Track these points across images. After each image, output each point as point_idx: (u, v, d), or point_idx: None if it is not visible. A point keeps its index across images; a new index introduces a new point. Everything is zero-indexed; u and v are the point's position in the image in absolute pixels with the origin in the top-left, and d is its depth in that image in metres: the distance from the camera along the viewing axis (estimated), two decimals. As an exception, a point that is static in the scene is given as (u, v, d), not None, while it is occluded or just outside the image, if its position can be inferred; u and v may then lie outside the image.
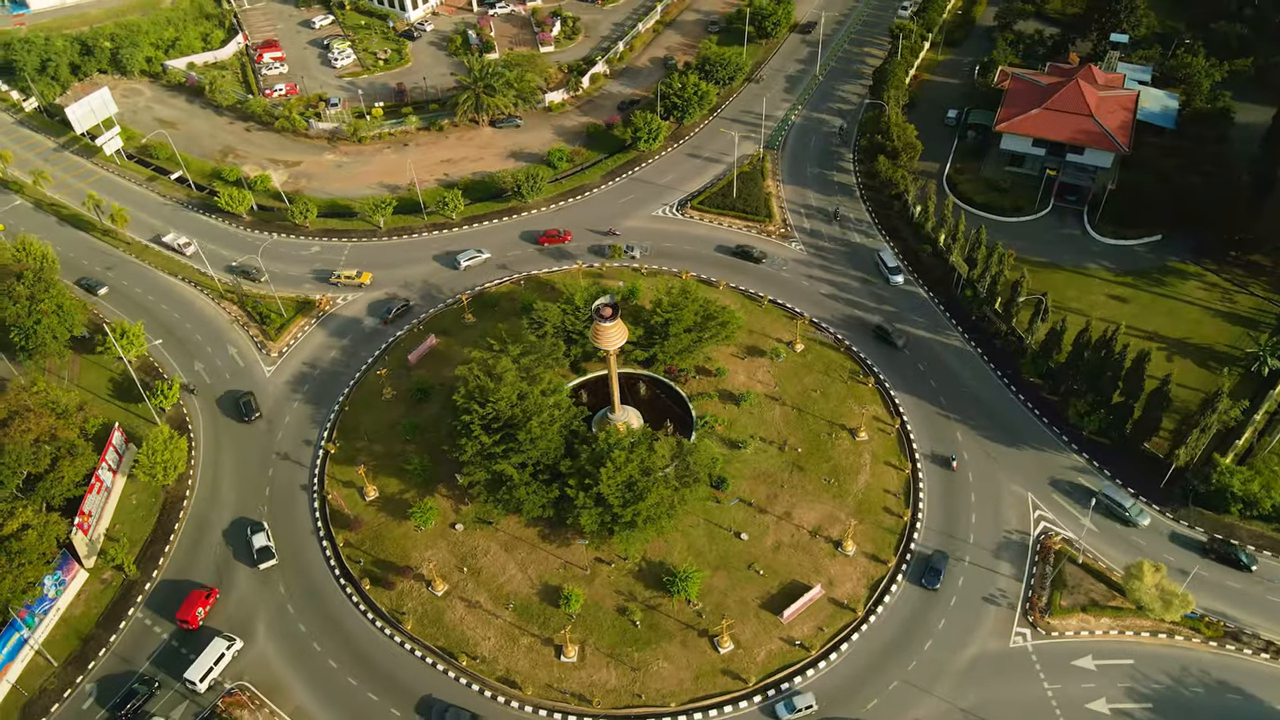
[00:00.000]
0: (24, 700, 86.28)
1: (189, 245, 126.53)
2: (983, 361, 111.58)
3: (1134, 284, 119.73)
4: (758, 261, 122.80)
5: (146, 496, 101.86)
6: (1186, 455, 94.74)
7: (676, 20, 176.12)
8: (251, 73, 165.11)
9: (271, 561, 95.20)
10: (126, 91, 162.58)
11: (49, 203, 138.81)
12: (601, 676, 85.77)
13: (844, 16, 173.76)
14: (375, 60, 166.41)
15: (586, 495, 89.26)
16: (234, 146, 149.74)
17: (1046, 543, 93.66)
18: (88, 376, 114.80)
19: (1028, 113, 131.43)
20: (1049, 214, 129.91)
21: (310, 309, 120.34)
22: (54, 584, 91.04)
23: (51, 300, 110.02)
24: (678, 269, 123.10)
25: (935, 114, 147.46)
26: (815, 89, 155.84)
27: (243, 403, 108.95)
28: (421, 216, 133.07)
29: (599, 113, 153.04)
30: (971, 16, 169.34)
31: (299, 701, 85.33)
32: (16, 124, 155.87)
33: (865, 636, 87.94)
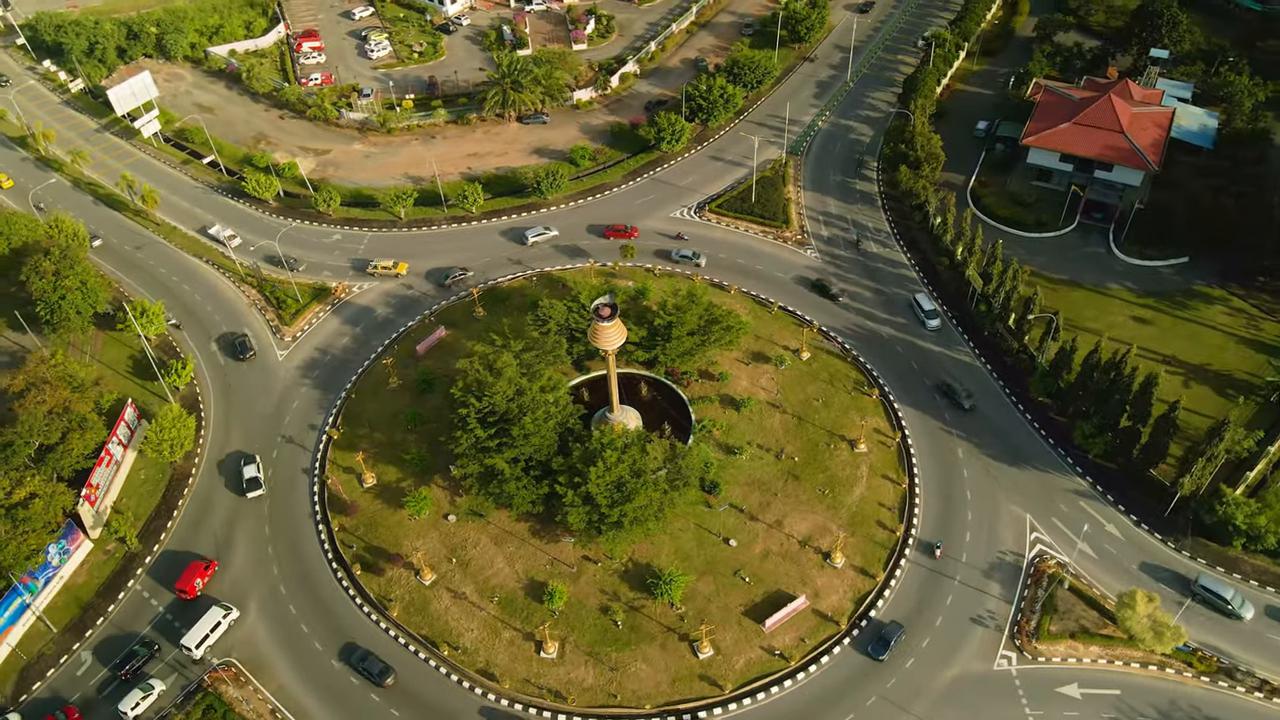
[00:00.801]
0: (22, 664, 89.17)
1: (234, 238, 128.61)
2: (991, 378, 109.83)
3: (1156, 306, 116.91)
4: (835, 299, 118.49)
5: (154, 472, 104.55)
6: (1192, 484, 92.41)
7: (711, 22, 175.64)
8: (290, 61, 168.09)
9: (259, 491, 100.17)
10: (169, 76, 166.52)
11: (86, 181, 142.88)
12: (579, 674, 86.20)
13: (880, 23, 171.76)
14: (410, 53, 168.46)
15: (575, 493, 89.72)
16: (267, 133, 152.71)
17: (1040, 566, 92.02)
18: (109, 352, 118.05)
19: (1057, 127, 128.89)
20: (1073, 231, 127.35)
21: (326, 296, 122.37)
22: (58, 552, 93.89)
23: (76, 277, 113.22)
24: (690, 272, 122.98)
25: (965, 125, 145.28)
26: (845, 95, 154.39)
27: (238, 342, 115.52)
28: (442, 209, 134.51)
29: (626, 112, 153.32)
30: (1011, 27, 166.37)
31: (283, 681, 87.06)
32: (62, 104, 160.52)
33: (849, 649, 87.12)
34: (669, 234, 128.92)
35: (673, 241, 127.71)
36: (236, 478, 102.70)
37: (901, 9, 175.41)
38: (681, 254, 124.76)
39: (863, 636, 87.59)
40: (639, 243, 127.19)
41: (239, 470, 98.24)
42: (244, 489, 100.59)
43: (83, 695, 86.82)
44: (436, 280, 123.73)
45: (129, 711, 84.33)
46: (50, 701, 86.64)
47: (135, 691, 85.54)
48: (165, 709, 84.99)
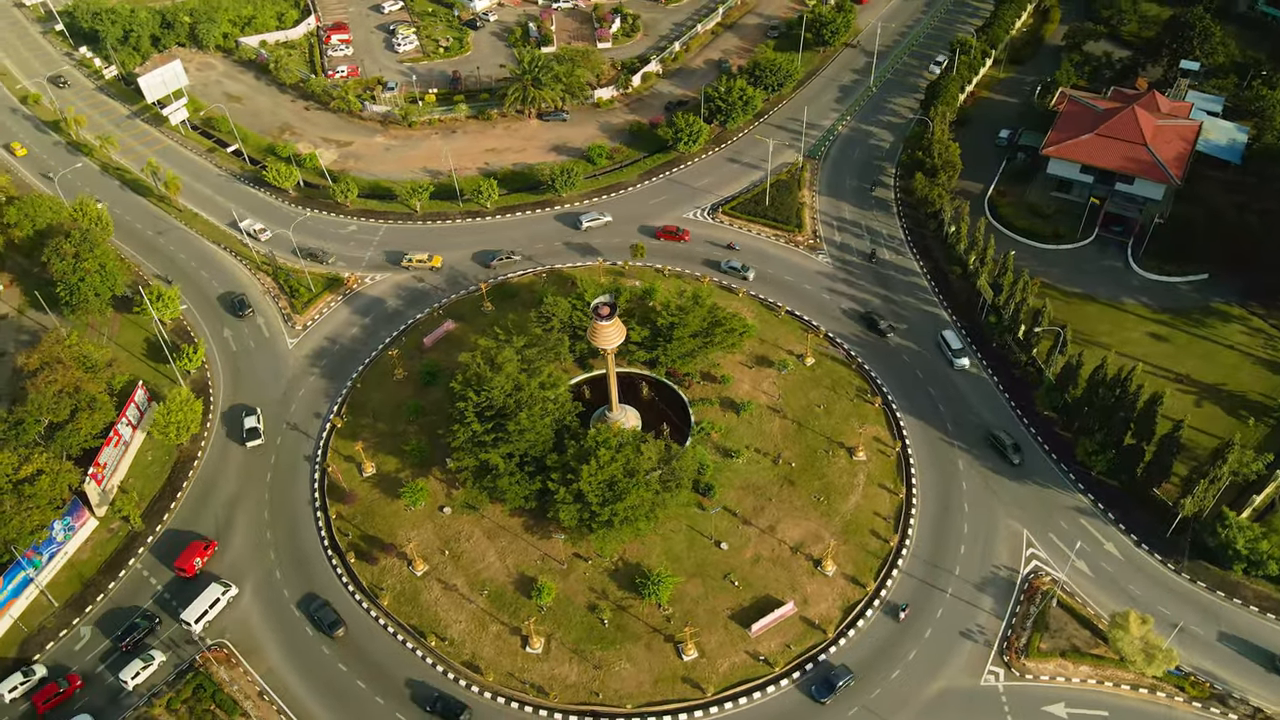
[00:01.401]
0: (23, 636, 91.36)
1: (264, 231, 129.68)
2: (997, 390, 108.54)
3: (1172, 323, 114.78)
4: (883, 335, 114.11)
5: (161, 453, 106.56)
6: (1193, 506, 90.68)
7: (737, 23, 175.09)
8: (318, 53, 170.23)
9: (258, 441, 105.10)
10: (201, 65, 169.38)
11: (114, 166, 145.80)
12: (563, 671, 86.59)
13: (907, 28, 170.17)
14: (436, 47, 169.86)
15: (567, 490, 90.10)
16: (291, 124, 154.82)
17: (1035, 582, 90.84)
18: (126, 334, 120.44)
19: (1078, 137, 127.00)
20: (1091, 244, 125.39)
21: (339, 286, 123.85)
22: (63, 529, 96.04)
23: (95, 260, 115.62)
24: (700, 273, 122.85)
25: (988, 133, 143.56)
26: (867, 100, 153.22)
27: (236, 300, 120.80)
28: (457, 203, 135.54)
29: (646, 111, 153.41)
30: (1041, 34, 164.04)
31: (272, 664, 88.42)
32: (96, 89, 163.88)
33: (834, 658, 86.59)
34: (720, 243, 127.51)
35: (724, 251, 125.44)
36: (245, 465, 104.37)
37: (931, 14, 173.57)
38: (731, 265, 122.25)
39: (808, 677, 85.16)
40: (688, 249, 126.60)
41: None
42: (244, 438, 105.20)
43: (80, 667, 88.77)
44: (482, 261, 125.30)
45: (129, 681, 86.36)
46: (51, 670, 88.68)
47: (136, 662, 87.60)
48: (157, 686, 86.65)
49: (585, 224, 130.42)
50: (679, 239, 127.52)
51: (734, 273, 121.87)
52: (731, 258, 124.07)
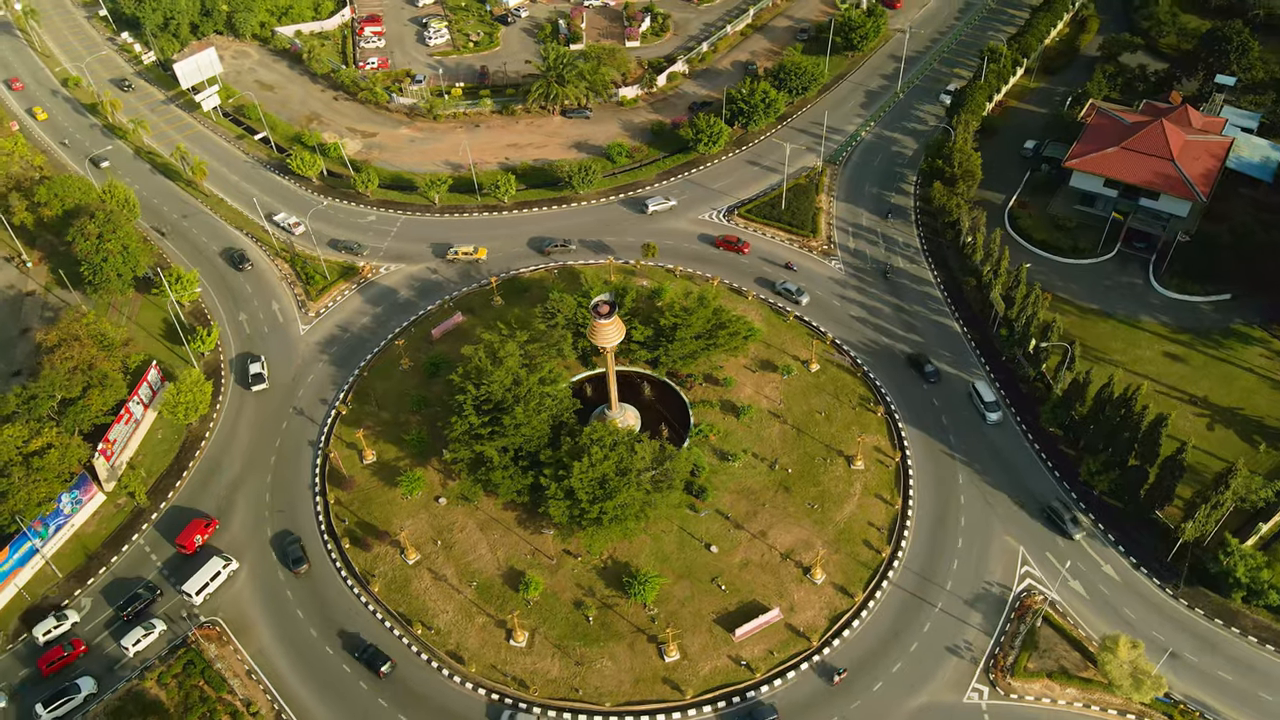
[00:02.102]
0: (26, 605, 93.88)
1: (298, 225, 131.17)
2: (1003, 404, 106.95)
3: (1190, 343, 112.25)
4: (928, 378, 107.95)
5: (171, 432, 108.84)
6: (1195, 531, 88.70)
7: (768, 25, 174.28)
8: (351, 44, 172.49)
9: (263, 385, 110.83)
10: (236, 53, 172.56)
11: (146, 150, 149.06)
12: (545, 665, 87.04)
13: (939, 35, 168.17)
14: (466, 41, 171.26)
15: (559, 486, 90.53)
16: (320, 113, 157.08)
17: (1027, 600, 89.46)
18: (145, 315, 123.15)
19: (1103, 150, 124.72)
20: (1112, 259, 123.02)
21: (353, 274, 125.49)
22: (70, 502, 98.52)
23: (118, 241, 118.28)
24: (710, 274, 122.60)
25: (1014, 143, 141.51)
26: (893, 106, 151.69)
27: (235, 255, 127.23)
28: (475, 197, 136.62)
29: (670, 111, 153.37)
30: (1076, 45, 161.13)
31: (262, 644, 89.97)
32: (135, 74, 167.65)
33: (817, 667, 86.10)
34: (778, 260, 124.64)
35: (781, 271, 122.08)
36: (250, 447, 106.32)
37: (964, 21, 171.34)
38: (785, 286, 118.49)
39: (731, 713, 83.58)
40: (746, 261, 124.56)
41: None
42: (249, 383, 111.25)
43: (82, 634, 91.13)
44: (536, 247, 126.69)
45: (130, 647, 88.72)
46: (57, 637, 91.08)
47: (138, 629, 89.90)
48: (150, 660, 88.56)
49: (651, 208, 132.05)
50: (738, 250, 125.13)
51: (786, 295, 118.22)
52: (787, 279, 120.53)
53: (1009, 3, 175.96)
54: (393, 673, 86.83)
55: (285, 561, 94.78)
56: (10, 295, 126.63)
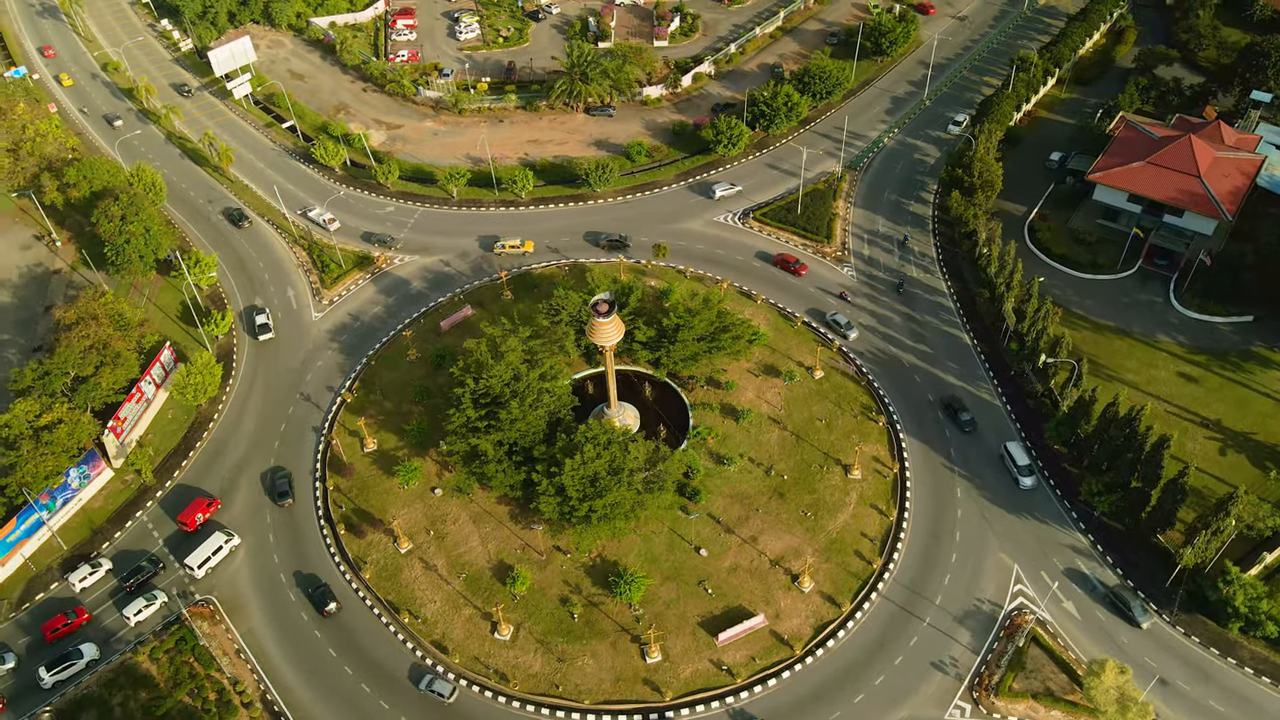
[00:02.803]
0: (31, 574, 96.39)
1: (333, 222, 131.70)
2: (1009, 419, 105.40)
3: (1206, 364, 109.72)
4: (963, 428, 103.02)
5: (181, 413, 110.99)
6: (1194, 557, 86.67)
7: (798, 28, 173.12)
8: (383, 37, 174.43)
9: (269, 335, 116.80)
10: (271, 43, 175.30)
11: (177, 135, 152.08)
12: (527, 660, 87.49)
13: (972, 42, 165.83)
14: (496, 36, 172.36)
15: (550, 482, 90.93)
16: (348, 104, 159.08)
17: (1017, 619, 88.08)
18: (165, 296, 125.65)
19: (1128, 164, 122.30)
20: (1132, 276, 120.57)
21: (368, 264, 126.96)
22: (78, 476, 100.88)
23: (140, 223, 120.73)
24: (720, 276, 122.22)
25: (1040, 154, 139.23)
26: (919, 114, 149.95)
27: (234, 213, 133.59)
28: (493, 191, 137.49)
29: (693, 112, 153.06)
30: (1112, 56, 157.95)
31: (253, 624, 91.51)
32: (172, 60, 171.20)
33: (798, 676, 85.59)
34: (832, 290, 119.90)
35: (833, 301, 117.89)
36: (256, 431, 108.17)
37: (998, 29, 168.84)
38: (834, 317, 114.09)
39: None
40: (801, 283, 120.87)
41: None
42: (256, 332, 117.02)
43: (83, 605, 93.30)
44: (593, 241, 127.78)
45: (132, 617, 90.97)
46: (63, 601, 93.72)
47: (140, 599, 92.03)
48: (145, 634, 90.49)
49: (719, 193, 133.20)
50: (795, 272, 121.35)
51: (835, 327, 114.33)
52: (838, 311, 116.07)
53: (1046, 11, 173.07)
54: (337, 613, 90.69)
55: (273, 497, 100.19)
56: (38, 273, 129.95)
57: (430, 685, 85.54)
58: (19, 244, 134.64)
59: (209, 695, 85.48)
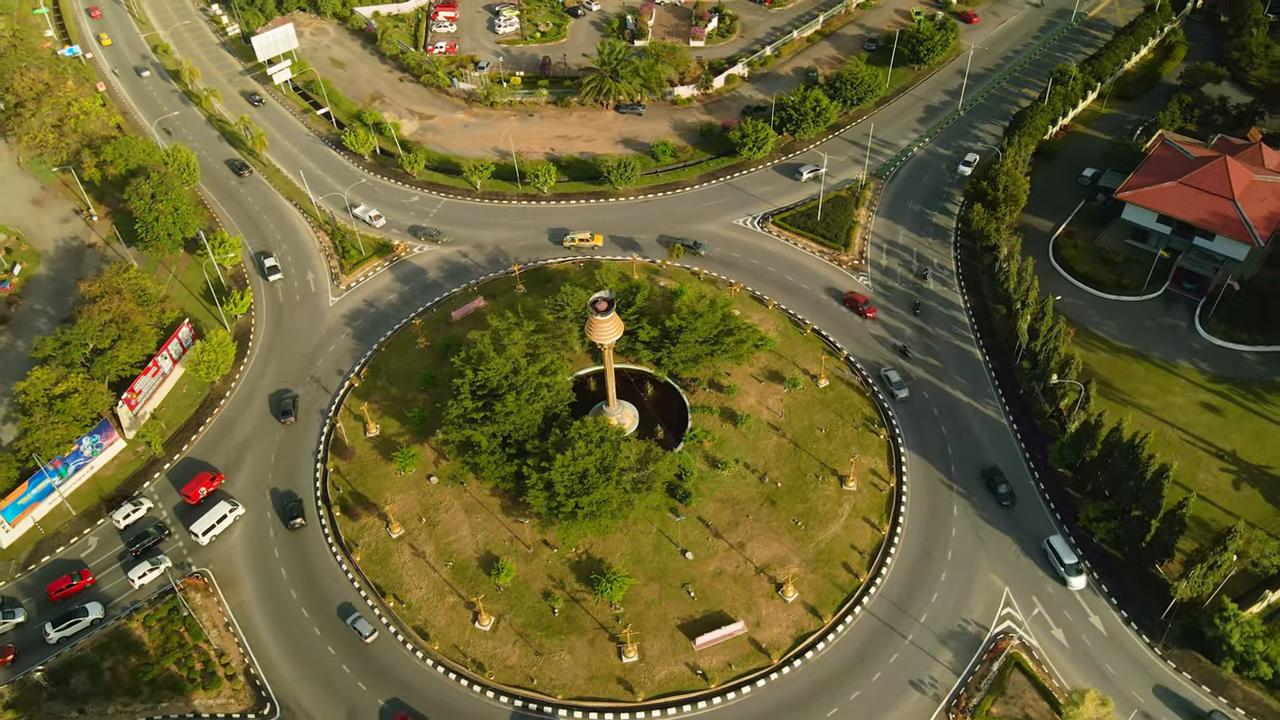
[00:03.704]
0: (40, 537, 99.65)
1: (379, 218, 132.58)
2: (1014, 439, 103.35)
3: (1228, 393, 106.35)
4: (1001, 500, 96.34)
5: (195, 389, 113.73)
6: (1189, 591, 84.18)
7: (837, 33, 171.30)
8: (424, 28, 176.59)
9: (278, 276, 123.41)
10: (315, 30, 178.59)
11: (217, 118, 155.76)
12: (505, 651, 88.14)
13: (1013, 53, 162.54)
14: (534, 31, 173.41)
15: (539, 476, 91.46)
16: (384, 93, 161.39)
17: (1002, 643, 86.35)
18: (191, 274, 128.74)
19: (1160, 184, 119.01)
20: (1157, 298, 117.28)
21: (388, 252, 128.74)
22: (91, 445, 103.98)
23: (169, 202, 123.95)
24: (734, 279, 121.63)
25: (1073, 170, 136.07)
26: (951, 124, 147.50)
27: (236, 163, 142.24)
28: (516, 185, 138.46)
29: (722, 113, 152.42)
30: (1159, 72, 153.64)
31: (244, 598, 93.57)
32: (219, 45, 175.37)
33: (773, 685, 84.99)
34: (894, 340, 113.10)
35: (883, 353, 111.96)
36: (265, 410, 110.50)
37: (1042, 41, 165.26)
38: (886, 373, 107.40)
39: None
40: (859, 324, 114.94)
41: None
42: (266, 274, 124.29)
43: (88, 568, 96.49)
44: (666, 243, 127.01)
45: (137, 580, 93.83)
46: (68, 563, 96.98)
47: (145, 563, 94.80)
48: (140, 602, 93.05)
49: (805, 175, 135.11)
50: (862, 314, 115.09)
51: (885, 383, 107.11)
52: (893, 368, 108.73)
53: (1094, 24, 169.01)
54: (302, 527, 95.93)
55: (275, 413, 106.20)
56: (74, 246, 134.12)
57: (354, 622, 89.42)
58: (59, 217, 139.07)
59: (195, 665, 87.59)
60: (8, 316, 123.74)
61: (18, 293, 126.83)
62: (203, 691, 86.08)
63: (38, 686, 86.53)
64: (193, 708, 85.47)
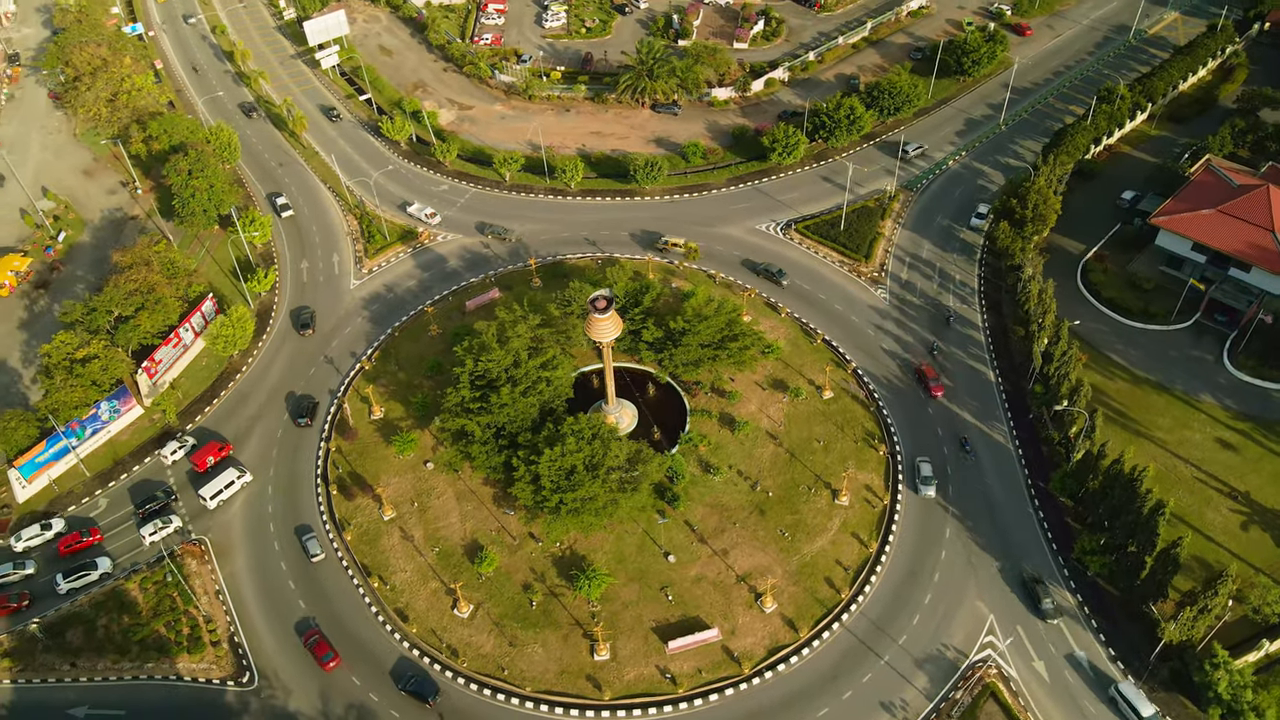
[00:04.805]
0: (54, 494, 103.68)
1: (434, 216, 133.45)
2: (1018, 464, 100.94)
3: (1249, 432, 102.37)
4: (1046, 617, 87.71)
5: (215, 362, 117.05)
6: (1179, 633, 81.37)
7: (884, 40, 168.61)
8: (473, 19, 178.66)
9: (289, 212, 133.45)
10: (369, 18, 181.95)
11: (264, 99, 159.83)
12: (480, 640, 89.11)
13: (1064, 68, 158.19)
14: (580, 26, 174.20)
15: (527, 469, 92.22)
16: (426, 82, 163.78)
17: (979, 671, 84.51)
18: (223, 250, 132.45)
19: (1197, 210, 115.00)
20: (1186, 329, 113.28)
21: (411, 239, 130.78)
22: (109, 410, 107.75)
23: (205, 179, 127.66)
24: (749, 285, 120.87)
25: (1113, 191, 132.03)
26: (991, 138, 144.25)
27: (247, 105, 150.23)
28: (544, 179, 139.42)
29: (758, 117, 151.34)
30: (1215, 94, 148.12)
31: (236, 568, 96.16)
32: (275, 28, 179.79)
33: (741, 695, 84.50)
34: (959, 425, 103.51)
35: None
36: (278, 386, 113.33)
37: (1096, 57, 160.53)
38: (919, 461, 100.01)
39: None
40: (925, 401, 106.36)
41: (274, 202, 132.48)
42: (279, 211, 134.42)
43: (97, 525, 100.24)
44: (751, 268, 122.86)
45: (146, 537, 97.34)
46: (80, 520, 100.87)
47: (155, 521, 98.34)
48: (138, 563, 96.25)
49: (912, 152, 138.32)
50: (930, 392, 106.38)
51: (915, 473, 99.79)
52: (927, 460, 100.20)
53: (1153, 42, 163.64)
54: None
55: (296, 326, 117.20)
56: (117, 217, 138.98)
57: (304, 542, 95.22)
58: (106, 188, 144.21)
59: (183, 629, 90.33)
60: (49, 281, 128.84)
61: (60, 259, 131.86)
62: (187, 655, 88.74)
63: (34, 638, 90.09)
64: (176, 670, 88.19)
